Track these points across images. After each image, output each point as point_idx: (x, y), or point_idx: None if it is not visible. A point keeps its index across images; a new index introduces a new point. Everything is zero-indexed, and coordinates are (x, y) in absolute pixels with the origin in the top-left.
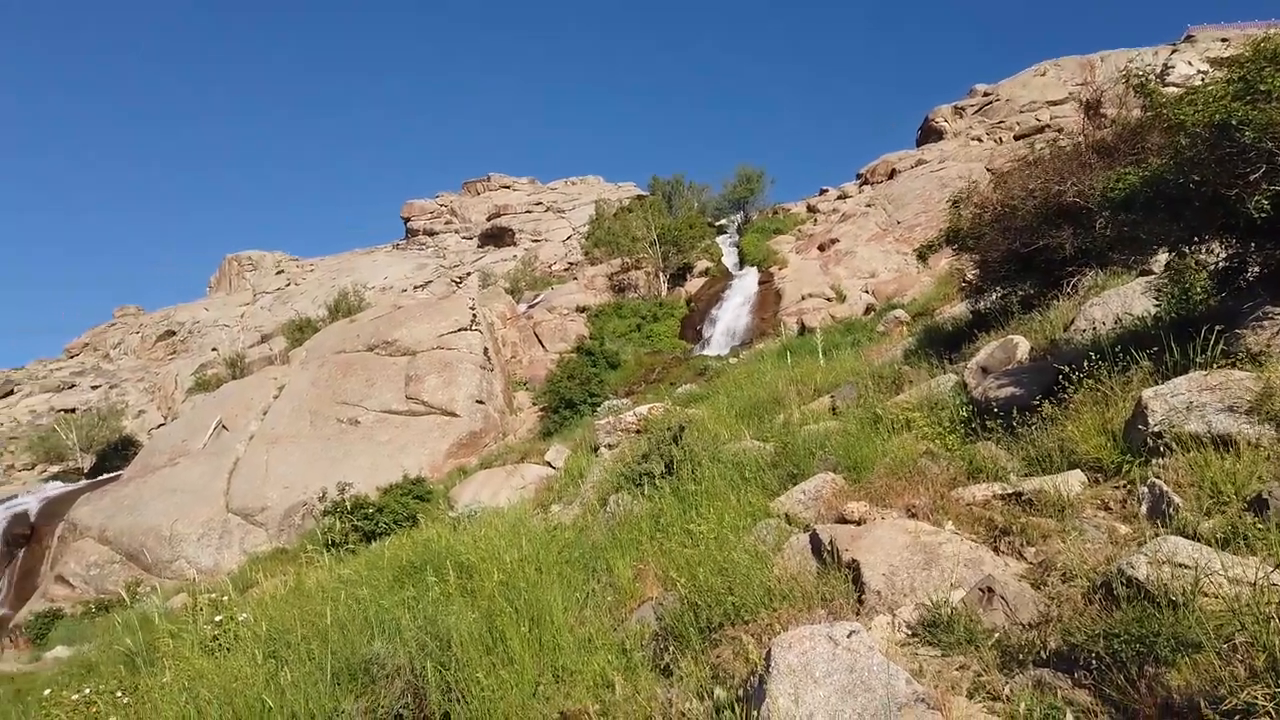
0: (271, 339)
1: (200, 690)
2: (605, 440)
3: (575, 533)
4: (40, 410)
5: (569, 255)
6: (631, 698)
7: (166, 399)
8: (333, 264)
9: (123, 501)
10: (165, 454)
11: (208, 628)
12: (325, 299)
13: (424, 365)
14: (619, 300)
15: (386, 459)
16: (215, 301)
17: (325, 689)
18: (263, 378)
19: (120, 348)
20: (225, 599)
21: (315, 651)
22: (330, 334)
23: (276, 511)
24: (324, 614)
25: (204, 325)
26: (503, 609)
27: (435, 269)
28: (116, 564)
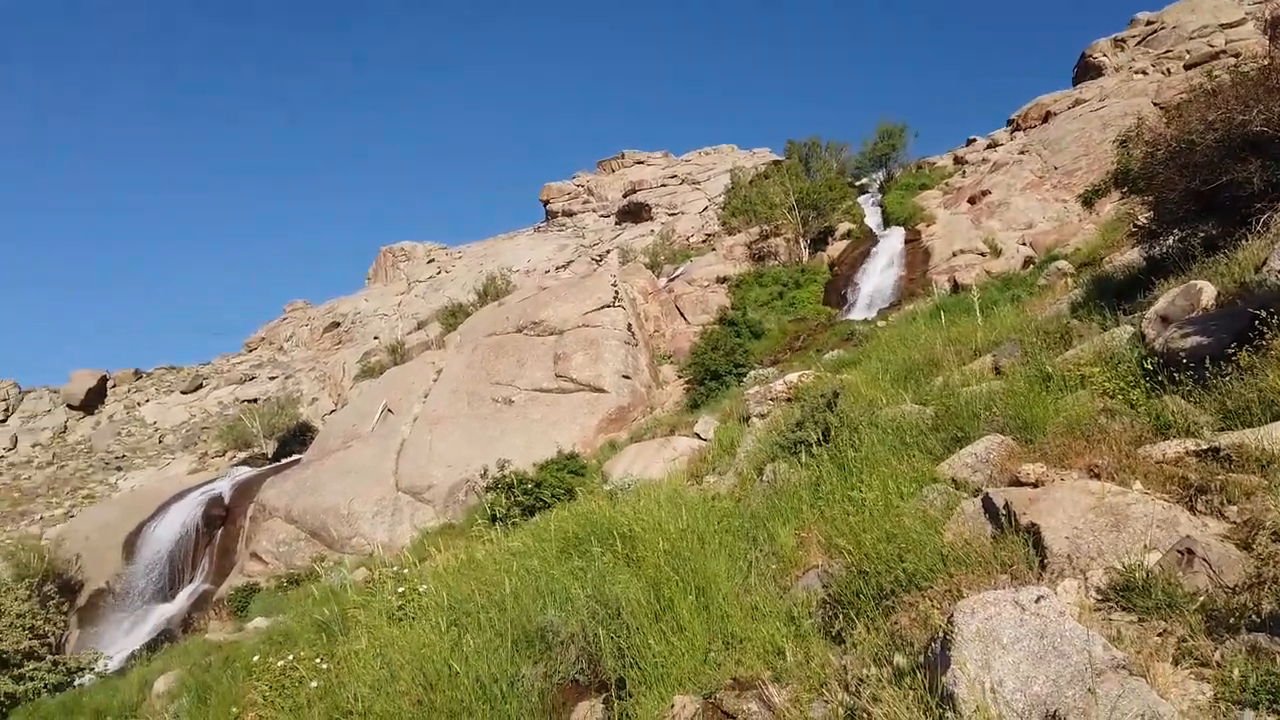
0: (427, 325)
1: (392, 656)
2: (755, 410)
3: (732, 502)
4: (226, 401)
5: (706, 226)
6: (804, 664)
7: (336, 386)
8: (479, 250)
9: (304, 483)
10: (338, 438)
11: (392, 598)
12: (474, 284)
13: (570, 343)
14: (759, 268)
15: (540, 435)
16: (374, 292)
17: (506, 655)
18: (422, 362)
19: (292, 340)
20: (406, 572)
21: (494, 619)
22: (481, 318)
23: (441, 489)
24: (499, 584)
25: (365, 315)
26: (669, 578)
27: (575, 249)
28: (302, 541)
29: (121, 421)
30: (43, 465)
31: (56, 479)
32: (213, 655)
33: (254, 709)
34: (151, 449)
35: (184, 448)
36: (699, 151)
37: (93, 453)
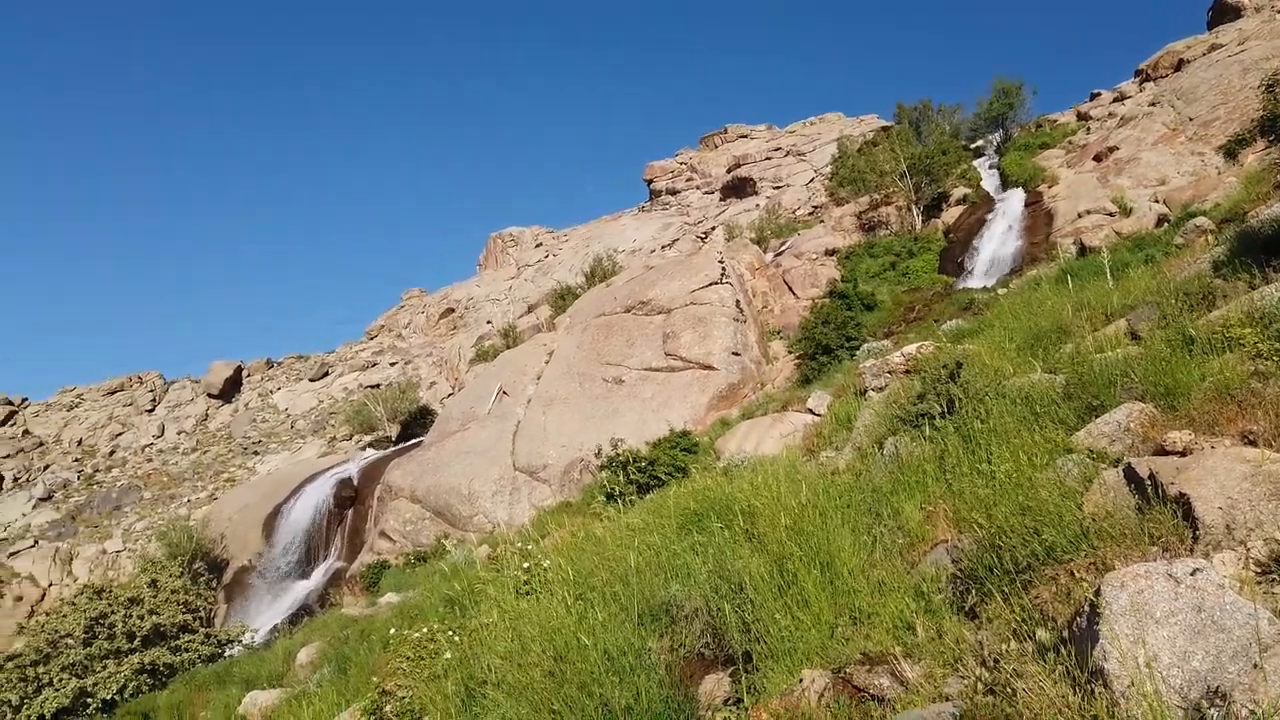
0: (537, 308)
1: (522, 628)
2: (872, 383)
3: (852, 477)
4: (351, 387)
5: (813, 199)
6: (936, 639)
7: (452, 371)
8: (584, 233)
9: (426, 465)
10: (457, 420)
11: (518, 574)
12: (581, 266)
13: (679, 322)
14: (870, 239)
15: (651, 414)
16: (485, 278)
17: (631, 629)
18: (533, 345)
19: (409, 327)
20: (530, 548)
21: (618, 594)
22: (589, 299)
23: (556, 468)
24: (621, 559)
25: (477, 301)
26: (792, 553)
27: (680, 227)
28: (427, 520)
29: (256, 409)
30: (187, 451)
31: (200, 464)
32: (349, 629)
33: (393, 678)
34: (284, 434)
35: (314, 432)
36: (804, 122)
37: (232, 439)
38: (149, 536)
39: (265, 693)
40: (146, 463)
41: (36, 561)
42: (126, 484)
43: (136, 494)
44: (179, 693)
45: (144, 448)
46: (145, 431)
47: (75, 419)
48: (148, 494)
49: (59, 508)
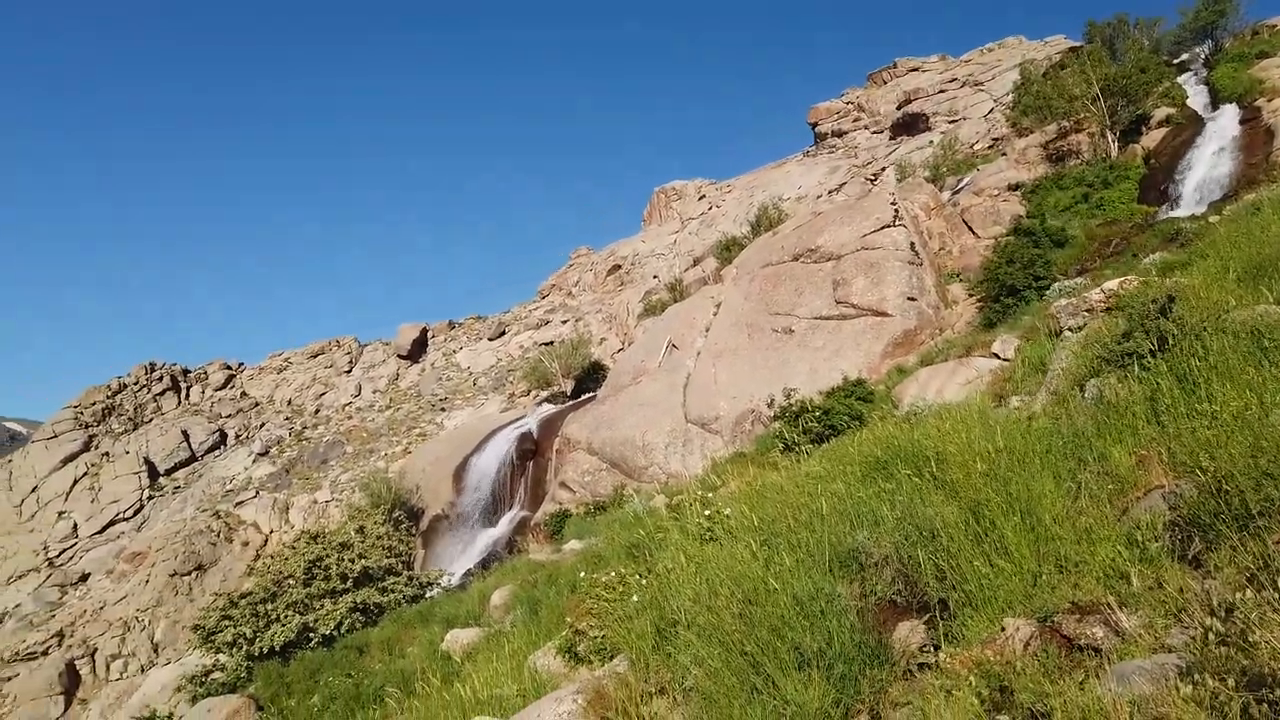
0: (703, 261)
1: (709, 573)
2: (1067, 323)
3: (1050, 422)
4: (526, 345)
5: (992, 131)
6: (1154, 589)
7: (621, 326)
8: (748, 182)
9: (601, 418)
10: (629, 374)
11: (701, 521)
12: (745, 217)
13: (849, 268)
14: (1058, 170)
15: (823, 363)
16: (650, 233)
17: (820, 574)
18: (701, 298)
19: (579, 285)
20: (709, 496)
21: (804, 540)
22: (755, 249)
23: (728, 420)
24: (804, 506)
25: (643, 256)
26: (988, 499)
27: (847, 170)
28: (604, 471)
29: (441, 368)
30: (382, 409)
31: (394, 420)
32: (537, 573)
33: (584, 619)
34: (468, 391)
35: (494, 389)
36: (980, 50)
37: (420, 396)
38: (353, 487)
39: (464, 631)
40: (347, 420)
41: (259, 511)
42: (331, 439)
43: (340, 448)
44: (388, 629)
45: (344, 406)
46: (345, 391)
47: (284, 381)
48: (349, 448)
49: (274, 462)
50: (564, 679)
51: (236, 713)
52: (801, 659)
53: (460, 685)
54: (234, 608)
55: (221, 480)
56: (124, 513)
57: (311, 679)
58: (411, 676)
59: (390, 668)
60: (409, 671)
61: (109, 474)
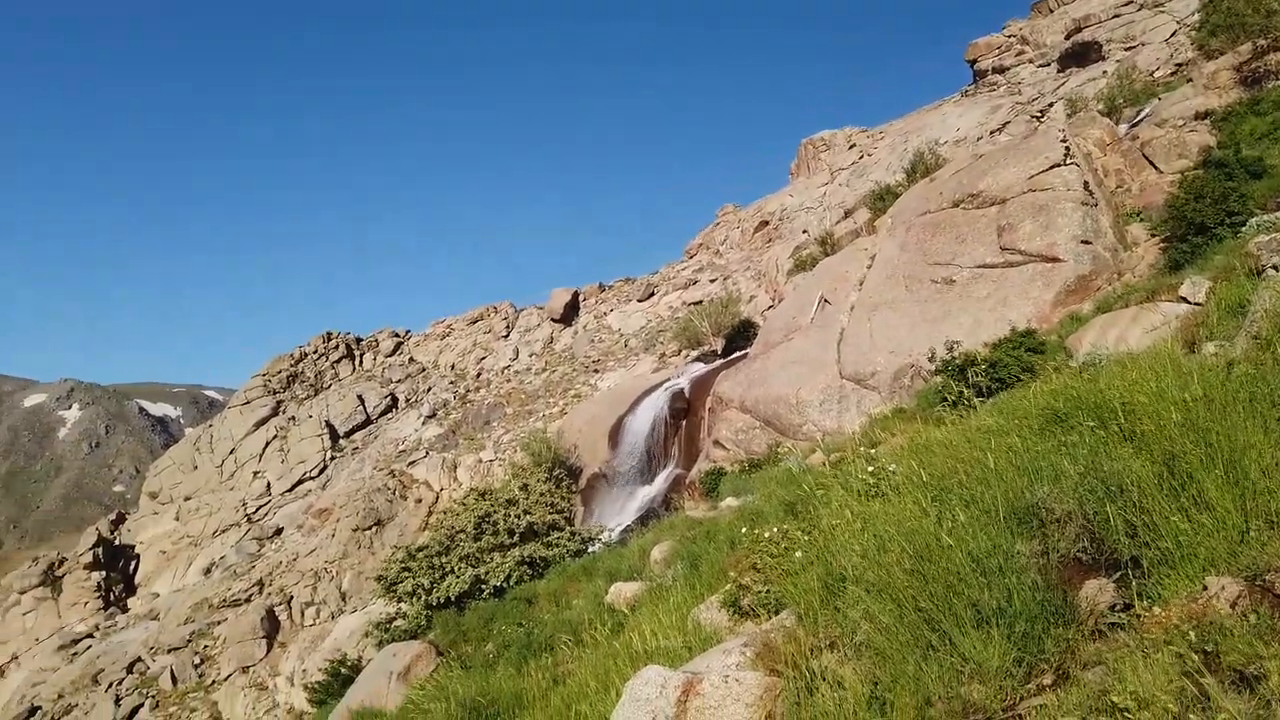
0: (854, 213)
1: (878, 528)
2: (1269, 261)
3: (1252, 368)
4: (675, 305)
5: (1175, 55)
6: None
7: (771, 283)
8: (900, 127)
9: (753, 376)
10: (780, 331)
11: (864, 477)
12: (899, 164)
13: (1015, 212)
14: (1254, 94)
15: (987, 314)
16: (797, 187)
17: (996, 531)
18: (853, 250)
19: (726, 243)
20: (872, 452)
21: (979, 496)
22: (911, 197)
23: (885, 375)
24: (977, 461)
25: (791, 211)
26: (1185, 451)
27: (1011, 108)
28: (757, 429)
29: (593, 330)
30: (539, 371)
31: (550, 382)
32: (695, 529)
33: (747, 573)
34: (619, 352)
35: (645, 349)
36: None
37: (574, 358)
38: (514, 447)
39: (627, 584)
40: (506, 383)
41: (429, 470)
42: (492, 402)
43: (501, 410)
44: (554, 582)
45: (503, 369)
46: (503, 355)
47: (447, 346)
48: (510, 410)
49: (441, 423)
50: (728, 632)
51: (419, 657)
52: (979, 616)
53: (627, 636)
54: (412, 560)
55: (394, 441)
56: (310, 472)
57: (485, 627)
58: (579, 627)
59: (558, 618)
60: (576, 622)
61: (295, 436)
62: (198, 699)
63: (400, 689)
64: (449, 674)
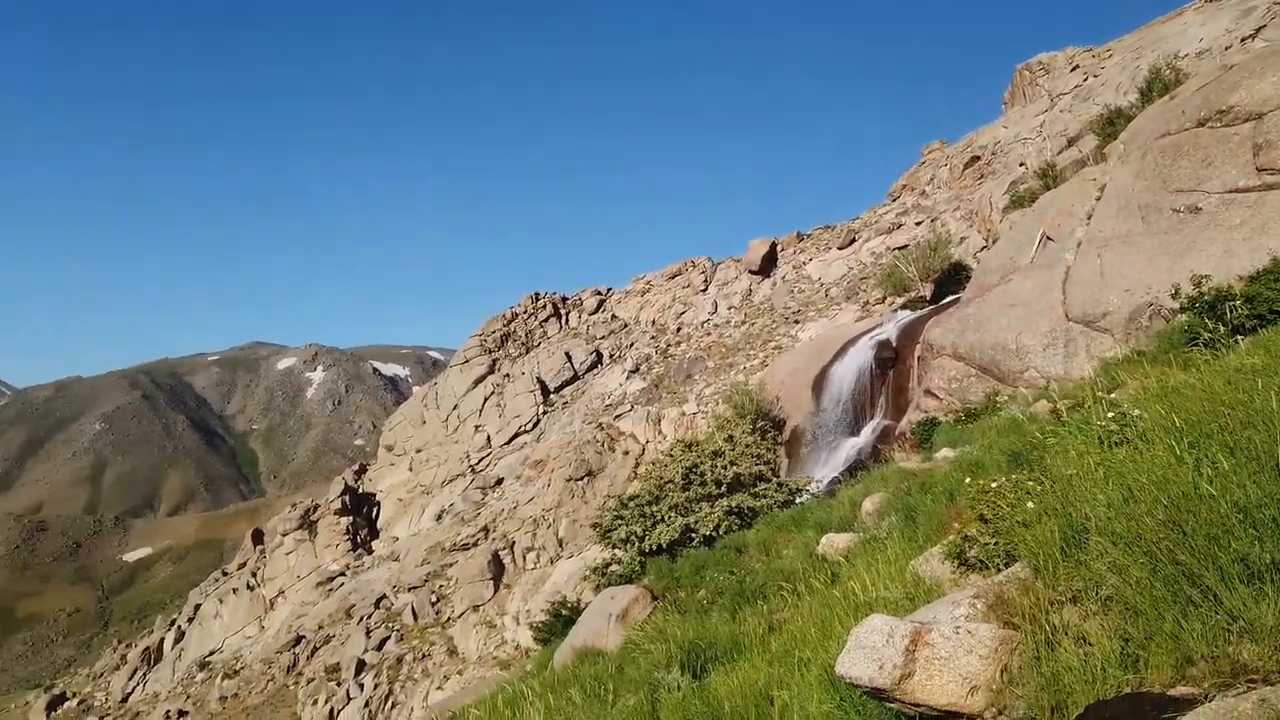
0: (1079, 140)
1: (1128, 477)
2: None
3: None
4: (878, 251)
5: None
6: None
7: (984, 222)
8: (1130, 42)
9: (966, 321)
10: (996, 273)
11: (1105, 423)
12: (1130, 84)
13: (1275, 127)
14: None
15: (1241, 244)
16: (1012, 117)
17: (1269, 479)
18: (1078, 182)
19: (932, 183)
20: (1112, 397)
21: (1243, 442)
22: (1146, 119)
23: (1119, 316)
24: (1240, 404)
25: (1005, 143)
26: None
27: (1267, 10)
28: (972, 377)
29: (792, 280)
30: (738, 324)
31: (750, 334)
32: (908, 481)
33: (973, 524)
34: (820, 302)
35: (847, 298)
36: None
37: (774, 310)
38: (716, 400)
39: (839, 535)
40: (706, 336)
41: (634, 423)
42: (693, 355)
43: (702, 364)
44: (763, 532)
45: (702, 323)
46: (702, 309)
47: (648, 303)
48: (710, 363)
49: (644, 378)
50: (951, 585)
51: (636, 601)
52: (1249, 571)
53: (845, 586)
54: (624, 509)
55: (601, 396)
56: (525, 426)
57: (697, 574)
58: (791, 576)
59: (769, 567)
60: (788, 571)
61: (510, 392)
62: (435, 633)
63: (619, 630)
64: (666, 617)
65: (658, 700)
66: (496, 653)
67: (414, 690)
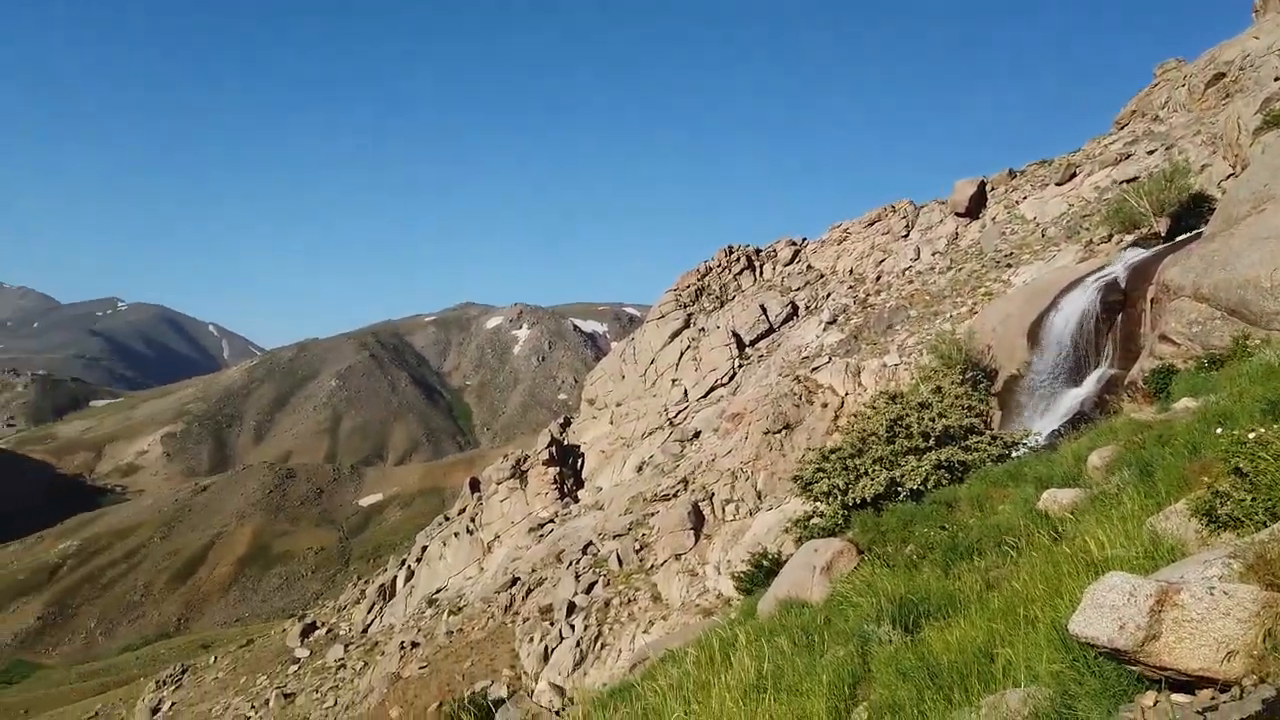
0: None
1: None
2: None
3: None
4: (1103, 185)
5: None
6: None
7: (1231, 147)
8: None
9: (1210, 258)
10: (1246, 203)
11: None
12: None
13: None
14: None
15: None
16: (1264, 26)
17: None
18: None
19: (1167, 106)
20: None
21: None
22: None
23: None
24: None
25: (1255, 56)
26: None
27: None
28: (1216, 319)
29: (1003, 221)
30: (943, 271)
31: (956, 281)
32: (1143, 434)
33: (1225, 479)
34: (1035, 244)
35: (1066, 238)
36: None
37: (983, 254)
38: (920, 350)
39: (1062, 491)
40: (908, 284)
41: (832, 375)
42: (894, 305)
43: (903, 313)
44: (975, 487)
45: (904, 270)
46: (903, 256)
47: (844, 251)
48: (913, 312)
49: (842, 329)
50: (1198, 543)
51: (840, 554)
52: None
53: (1077, 542)
54: (825, 461)
55: (797, 348)
56: (720, 379)
57: (904, 529)
58: (1009, 532)
59: (984, 523)
60: (1005, 527)
61: (706, 346)
62: (640, 580)
63: (823, 582)
64: (873, 571)
65: (868, 653)
66: (699, 600)
67: (621, 633)
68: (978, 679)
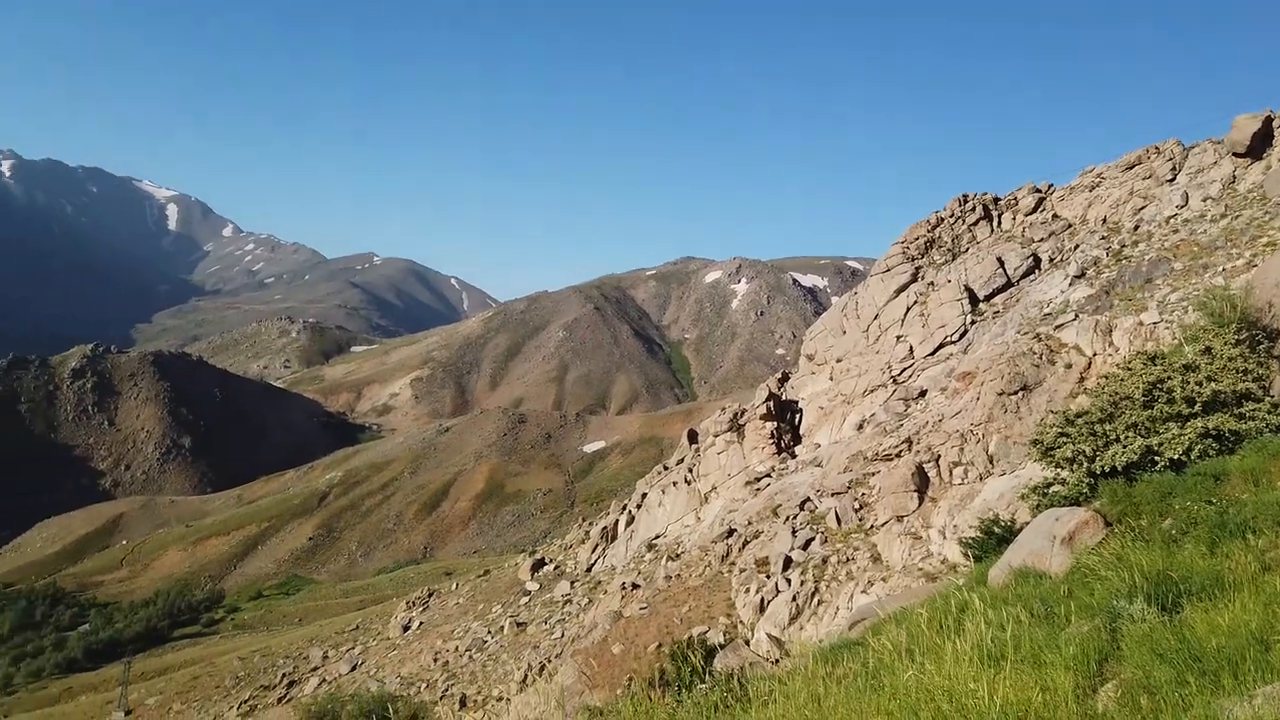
0: None
1: None
2: None
3: None
4: None
5: None
6: None
7: None
8: None
9: None
10: None
11: None
12: None
13: None
14: None
15: None
16: None
17: None
18: None
19: None
20: None
21: None
22: None
23: None
24: None
25: None
26: None
27: None
28: None
29: None
30: (1215, 219)
31: (1231, 230)
32: None
33: None
34: None
35: None
36: None
37: (1267, 199)
38: (1185, 307)
39: None
40: (1172, 234)
41: (1078, 334)
42: (1155, 257)
43: (1166, 266)
44: (1250, 459)
45: (1167, 219)
46: (1168, 203)
47: (1097, 199)
48: (1177, 265)
49: (1091, 284)
50: None
51: (1085, 524)
52: None
53: None
54: (1070, 425)
55: (1038, 304)
56: (950, 336)
57: (1161, 502)
58: None
59: (1261, 499)
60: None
61: (934, 301)
62: (859, 539)
63: (1064, 553)
64: (1124, 544)
65: (1118, 630)
66: (922, 564)
67: (839, 590)
68: (1253, 666)
